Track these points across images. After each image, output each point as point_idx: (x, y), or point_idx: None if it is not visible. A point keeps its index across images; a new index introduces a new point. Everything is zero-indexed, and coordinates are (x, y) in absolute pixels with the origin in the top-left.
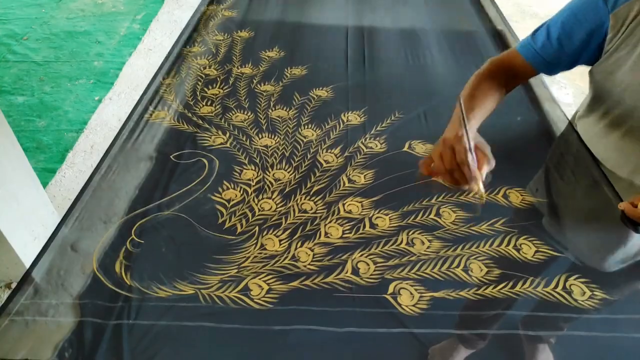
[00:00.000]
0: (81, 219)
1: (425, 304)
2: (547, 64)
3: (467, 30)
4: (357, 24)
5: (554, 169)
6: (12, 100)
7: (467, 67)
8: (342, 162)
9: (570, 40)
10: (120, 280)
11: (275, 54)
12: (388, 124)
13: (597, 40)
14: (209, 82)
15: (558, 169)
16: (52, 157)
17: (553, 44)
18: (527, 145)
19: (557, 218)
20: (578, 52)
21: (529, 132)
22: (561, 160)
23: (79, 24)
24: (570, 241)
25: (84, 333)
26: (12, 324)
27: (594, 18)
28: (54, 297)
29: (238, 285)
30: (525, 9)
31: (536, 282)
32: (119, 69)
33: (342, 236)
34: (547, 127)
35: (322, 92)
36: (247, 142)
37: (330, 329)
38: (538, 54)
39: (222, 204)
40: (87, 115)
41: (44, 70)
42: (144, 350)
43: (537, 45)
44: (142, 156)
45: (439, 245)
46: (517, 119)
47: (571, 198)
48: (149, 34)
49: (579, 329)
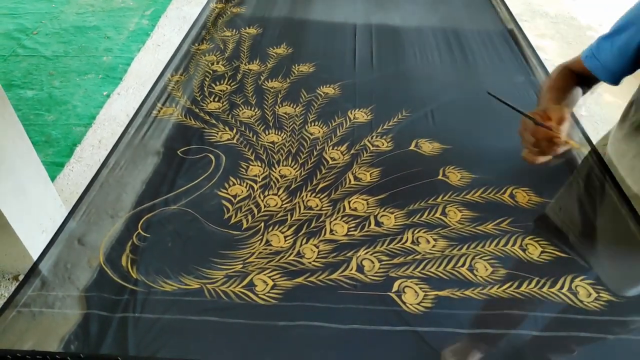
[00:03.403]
0: (88, 212)
1: (429, 302)
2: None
3: (476, 29)
4: (365, 21)
5: (578, 190)
6: (22, 94)
7: (476, 66)
8: (348, 159)
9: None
10: (126, 274)
11: (282, 51)
12: (395, 122)
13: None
14: (217, 78)
15: (582, 190)
16: (60, 151)
17: (614, 53)
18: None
19: (583, 239)
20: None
21: None
22: (587, 182)
23: (88, 19)
24: (596, 264)
25: (89, 325)
26: (19, 315)
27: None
28: (60, 290)
29: (243, 280)
30: (535, 8)
31: (542, 282)
32: (128, 65)
33: (347, 233)
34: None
35: (329, 90)
36: (254, 139)
37: (334, 326)
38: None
39: (228, 200)
40: (95, 110)
41: (53, 65)
42: (149, 343)
43: (601, 58)
44: (150, 151)
45: (444, 244)
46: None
47: (596, 222)
48: (157, 30)
49: (585, 330)
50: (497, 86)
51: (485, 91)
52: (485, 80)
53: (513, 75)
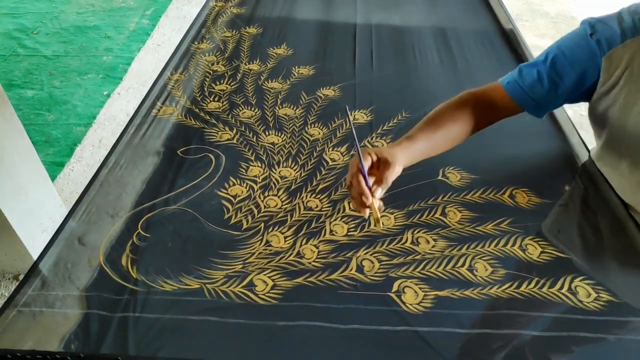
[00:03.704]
0: (88, 212)
1: (429, 302)
2: (537, 104)
3: (475, 30)
4: (365, 22)
5: (573, 209)
6: (22, 94)
7: (475, 66)
8: (348, 160)
9: (562, 81)
10: (126, 274)
11: (283, 51)
12: (395, 123)
13: (589, 82)
14: (217, 78)
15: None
16: (60, 150)
17: (544, 84)
18: (534, 146)
19: (590, 258)
20: (569, 92)
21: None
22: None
23: (88, 19)
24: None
25: (90, 325)
26: (20, 315)
27: (586, 60)
28: (60, 289)
29: (243, 280)
30: (535, 8)
31: (541, 282)
32: (128, 64)
33: (347, 234)
34: (556, 130)
35: (329, 92)
36: (254, 139)
37: (334, 326)
38: (527, 94)
39: (228, 200)
40: (95, 109)
41: (53, 65)
42: (149, 343)
43: (525, 85)
44: (150, 151)
45: (444, 244)
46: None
47: (599, 239)
48: (158, 30)
49: (585, 330)
50: None
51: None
52: (485, 80)
53: None
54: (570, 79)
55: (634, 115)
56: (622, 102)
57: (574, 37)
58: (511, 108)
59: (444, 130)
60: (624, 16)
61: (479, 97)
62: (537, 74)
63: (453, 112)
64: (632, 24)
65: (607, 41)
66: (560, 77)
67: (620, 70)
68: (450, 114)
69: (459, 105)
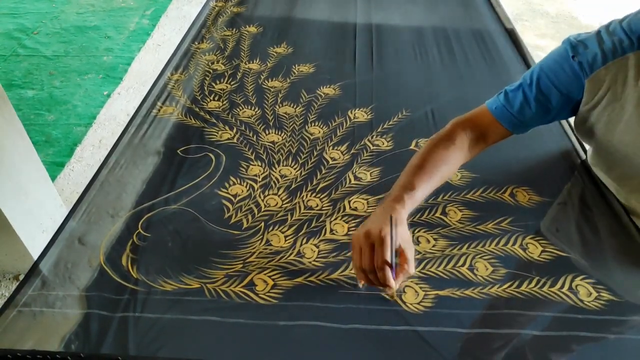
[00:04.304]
0: (89, 212)
1: (430, 302)
2: (525, 126)
3: (476, 29)
4: (365, 21)
5: (572, 207)
6: (22, 94)
7: (476, 66)
8: (349, 159)
9: (549, 102)
10: (126, 274)
11: (283, 50)
12: (395, 121)
13: (575, 100)
14: (217, 77)
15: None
16: (60, 151)
17: (532, 106)
18: (534, 145)
19: (588, 256)
20: (558, 110)
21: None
22: (581, 196)
23: (88, 19)
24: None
25: (90, 325)
26: (20, 315)
27: (570, 81)
28: (61, 289)
29: (243, 280)
30: (536, 7)
31: (542, 282)
32: (128, 64)
33: (348, 233)
34: (556, 129)
35: (330, 90)
36: (254, 138)
37: (335, 325)
38: (516, 118)
39: (228, 199)
40: (95, 109)
41: (53, 65)
42: (150, 343)
43: (514, 109)
44: (150, 151)
45: (444, 243)
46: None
47: (597, 237)
48: (158, 30)
49: (586, 329)
50: (496, 85)
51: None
52: (484, 79)
53: (512, 74)
54: (557, 98)
55: (618, 132)
56: (606, 119)
57: (556, 58)
58: (500, 133)
59: (439, 174)
60: (603, 37)
61: (466, 128)
62: (523, 97)
63: (443, 152)
64: (611, 46)
65: (589, 63)
66: (547, 98)
67: (602, 91)
68: (442, 156)
69: (448, 144)
